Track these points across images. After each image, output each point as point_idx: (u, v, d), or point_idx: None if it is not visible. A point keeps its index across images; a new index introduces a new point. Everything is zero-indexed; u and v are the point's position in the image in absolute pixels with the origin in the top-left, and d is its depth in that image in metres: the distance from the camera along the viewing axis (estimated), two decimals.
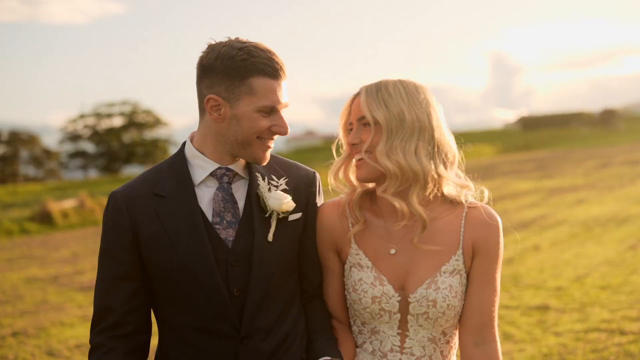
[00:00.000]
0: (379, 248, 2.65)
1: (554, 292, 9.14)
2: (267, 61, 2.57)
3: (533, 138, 63.72)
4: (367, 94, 2.62)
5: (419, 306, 2.58)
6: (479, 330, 2.60)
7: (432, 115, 2.60)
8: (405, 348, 2.62)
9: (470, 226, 2.62)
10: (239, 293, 2.63)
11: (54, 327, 9.07)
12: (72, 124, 73.34)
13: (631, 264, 10.64)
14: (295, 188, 2.76)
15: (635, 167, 28.85)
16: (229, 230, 2.65)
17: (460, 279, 2.60)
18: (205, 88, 2.62)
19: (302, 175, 2.81)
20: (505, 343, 7.17)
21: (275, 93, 2.59)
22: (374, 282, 2.61)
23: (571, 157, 38.71)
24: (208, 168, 2.68)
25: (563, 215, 16.57)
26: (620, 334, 7.21)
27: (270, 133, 2.64)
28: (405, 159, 2.54)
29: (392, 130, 2.55)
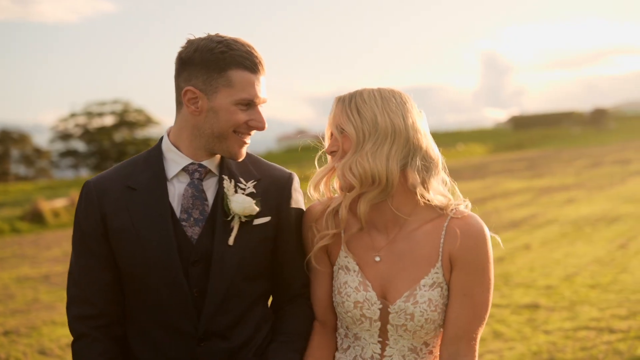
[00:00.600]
0: (363, 254, 2.63)
1: (543, 291, 9.19)
2: (245, 54, 2.57)
3: (524, 137, 63.85)
4: (339, 104, 2.61)
5: (397, 318, 2.56)
6: (454, 343, 2.54)
7: (407, 118, 2.55)
8: (385, 356, 2.60)
9: (450, 238, 2.54)
10: (198, 294, 2.62)
11: (45, 326, 9.08)
12: (63, 122, 73.20)
13: (620, 262, 10.70)
14: (265, 191, 2.71)
15: (626, 167, 28.96)
16: (195, 228, 2.64)
17: (441, 292, 2.55)
18: (183, 81, 2.61)
19: (277, 176, 2.76)
20: (495, 341, 7.22)
21: (254, 86, 2.58)
22: (358, 287, 2.60)
23: (562, 157, 38.81)
24: (181, 163, 2.67)
25: (553, 214, 16.63)
26: (609, 332, 7.27)
27: (247, 127, 2.62)
28: (374, 163, 2.50)
29: (363, 138, 2.53)
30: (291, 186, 2.77)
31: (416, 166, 2.54)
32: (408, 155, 2.54)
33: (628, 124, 76.35)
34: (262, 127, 2.63)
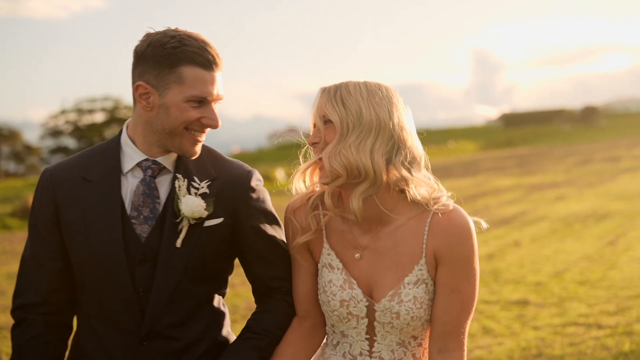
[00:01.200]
0: (347, 251, 2.59)
1: (533, 287, 9.24)
2: (198, 50, 2.51)
3: (515, 135, 63.96)
4: (324, 95, 2.55)
5: (383, 316, 2.53)
6: (443, 338, 2.52)
7: (392, 113, 2.50)
8: (374, 352, 2.58)
9: (433, 234, 2.51)
10: (143, 293, 2.59)
11: None
12: (53, 119, 73.04)
13: (609, 259, 10.76)
14: (221, 191, 2.65)
15: (615, 164, 29.06)
16: (144, 226, 2.60)
17: (426, 288, 2.52)
18: (137, 76, 2.57)
19: (234, 175, 2.69)
20: (484, 337, 7.26)
21: (206, 84, 2.53)
22: (343, 285, 2.56)
23: (552, 154, 38.91)
24: (136, 158, 2.63)
25: (543, 211, 16.69)
26: (598, 327, 7.32)
27: (200, 125, 2.57)
28: (358, 156, 2.45)
29: (347, 129, 2.47)
30: (249, 183, 2.70)
31: (399, 162, 2.49)
32: (392, 151, 2.49)
33: (618, 121, 76.57)
34: (215, 125, 2.57)
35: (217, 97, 2.57)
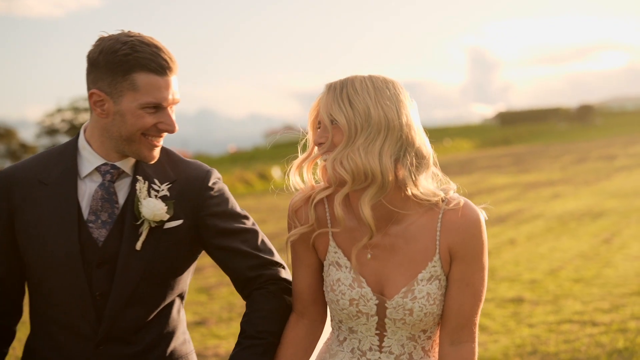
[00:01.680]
0: (358, 252, 2.54)
1: (528, 285, 9.28)
2: (151, 56, 2.48)
3: (511, 133, 64.02)
4: (329, 93, 2.48)
5: (395, 312, 2.50)
6: (456, 331, 2.52)
7: (401, 111, 2.45)
8: (384, 347, 2.55)
9: (447, 230, 2.48)
10: (101, 297, 2.57)
11: None
12: (49, 118, 72.99)
13: (604, 257, 10.81)
14: (181, 192, 2.64)
15: (611, 162, 29.12)
16: (102, 230, 2.57)
17: (439, 284, 2.50)
18: (90, 82, 2.55)
19: (193, 176, 2.68)
20: (480, 334, 7.28)
21: (160, 90, 2.51)
22: (352, 284, 2.52)
23: (548, 152, 38.97)
24: (94, 162, 2.60)
25: (539, 209, 16.74)
26: (592, 325, 7.36)
27: (156, 130, 2.55)
28: (367, 159, 2.39)
29: (355, 131, 2.42)
30: (207, 183, 2.69)
31: (407, 162, 2.45)
32: (400, 151, 2.44)
33: (614, 119, 76.68)
34: (172, 130, 2.56)
35: (173, 102, 2.56)
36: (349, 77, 2.49)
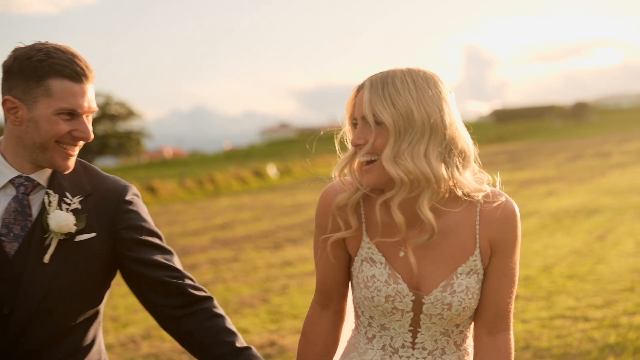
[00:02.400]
0: (391, 247, 2.49)
1: (522, 281, 9.32)
2: (66, 63, 2.46)
3: (506, 130, 64.15)
4: (372, 90, 2.38)
5: (433, 308, 2.46)
6: (495, 321, 2.51)
7: (444, 110, 2.38)
8: (417, 343, 2.52)
9: (486, 224, 2.46)
10: (8, 312, 2.50)
11: None
12: None
13: (598, 254, 10.87)
14: (97, 205, 2.59)
15: (606, 160, 29.21)
16: (13, 244, 2.52)
17: (477, 278, 2.47)
18: (5, 91, 2.51)
19: (110, 190, 2.63)
20: None
21: (75, 96, 2.47)
22: (388, 280, 2.46)
23: (543, 150, 39.07)
24: (8, 175, 2.55)
25: (534, 206, 16.80)
26: (585, 320, 7.42)
27: (71, 138, 2.51)
28: (414, 163, 2.33)
29: (399, 132, 2.34)
30: (124, 197, 2.63)
31: (453, 162, 2.40)
32: (445, 151, 2.39)
33: (609, 117, 76.84)
34: (87, 138, 2.51)
35: (89, 110, 2.52)
36: (388, 72, 2.40)
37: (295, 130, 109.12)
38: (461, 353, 2.55)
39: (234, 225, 18.17)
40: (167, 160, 70.94)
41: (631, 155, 30.79)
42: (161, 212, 23.26)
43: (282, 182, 34.09)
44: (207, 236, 16.36)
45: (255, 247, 14.31)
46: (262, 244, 14.56)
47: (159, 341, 7.83)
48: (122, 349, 7.71)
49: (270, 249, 13.80)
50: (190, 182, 31.07)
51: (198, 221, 19.74)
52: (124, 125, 74.63)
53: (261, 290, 10.06)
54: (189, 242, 15.49)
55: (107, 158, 74.60)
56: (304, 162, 40.13)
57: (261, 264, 12.27)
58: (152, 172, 47.09)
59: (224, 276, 11.19)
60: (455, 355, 2.54)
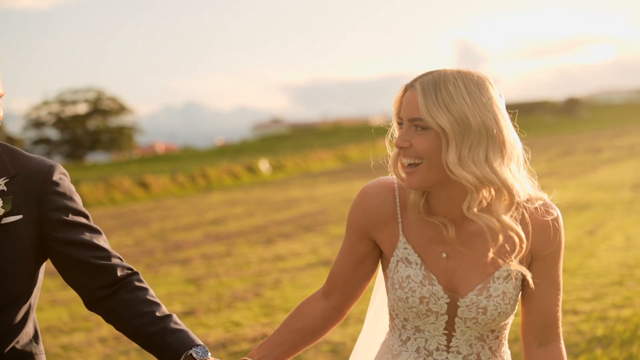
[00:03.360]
0: (429, 248, 2.44)
1: None
2: None
3: None
4: (425, 95, 2.32)
5: (468, 311, 2.41)
6: (544, 331, 2.46)
7: (497, 116, 2.33)
8: (451, 347, 2.46)
9: (527, 229, 2.40)
10: None
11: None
12: (35, 110, 72.81)
13: (588, 248, 10.97)
14: (22, 186, 2.50)
15: (597, 155, 29.35)
16: None
17: (514, 283, 2.41)
18: None
19: (35, 170, 2.53)
20: None
21: None
22: (423, 281, 2.42)
23: (535, 145, 39.14)
24: None
25: None
26: (574, 313, 7.51)
27: None
28: (480, 170, 2.28)
29: (457, 137, 2.28)
30: (51, 178, 2.54)
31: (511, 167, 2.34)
32: (504, 157, 2.33)
33: (601, 113, 77.05)
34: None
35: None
36: (439, 74, 2.35)
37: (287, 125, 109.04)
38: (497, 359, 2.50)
39: (226, 220, 18.23)
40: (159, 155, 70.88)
41: (622, 151, 30.95)
42: (154, 207, 23.29)
43: (274, 177, 34.14)
44: (200, 231, 16.41)
45: (247, 241, 14.37)
46: (255, 239, 14.62)
47: None
48: (116, 342, 7.77)
49: (262, 244, 13.87)
50: (183, 178, 31.09)
51: (190, 216, 19.79)
52: (115, 121, 74.60)
53: (254, 285, 10.12)
54: (182, 237, 15.55)
55: (99, 153, 74.56)
56: (296, 158, 40.24)
57: (254, 258, 12.34)
58: (144, 167, 47.06)
59: (216, 271, 11.25)
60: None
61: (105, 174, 34.91)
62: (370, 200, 2.51)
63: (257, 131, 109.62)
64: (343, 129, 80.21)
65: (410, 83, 2.38)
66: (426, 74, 2.36)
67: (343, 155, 43.41)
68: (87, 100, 73.40)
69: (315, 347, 7.09)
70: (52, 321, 8.76)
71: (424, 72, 2.40)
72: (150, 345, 2.50)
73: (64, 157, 71.92)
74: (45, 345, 7.87)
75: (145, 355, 7.26)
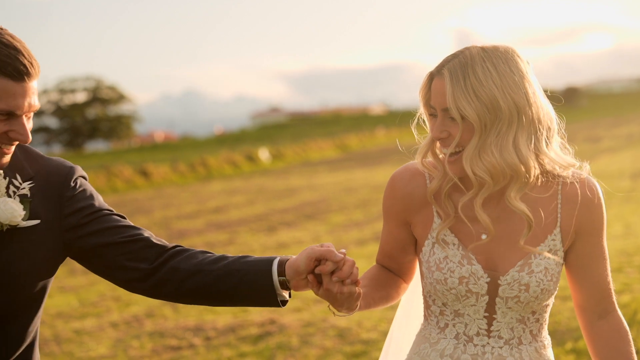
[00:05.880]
0: (467, 228, 2.39)
1: None
2: (7, 59, 2.23)
3: None
4: (453, 83, 2.26)
5: (509, 289, 2.35)
6: (601, 303, 2.43)
7: (528, 92, 2.28)
8: (492, 331, 2.40)
9: (569, 204, 2.37)
10: None
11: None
12: None
13: None
14: (41, 190, 2.42)
15: (596, 144, 29.48)
16: None
17: (556, 260, 2.37)
18: None
19: (54, 173, 2.46)
20: None
21: (15, 97, 2.25)
22: (462, 261, 2.37)
23: None
24: None
25: None
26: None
27: (7, 139, 2.30)
28: (502, 157, 2.24)
29: (485, 126, 2.24)
30: (70, 181, 2.46)
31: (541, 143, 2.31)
32: (532, 135, 2.29)
33: (600, 101, 77.17)
34: (25, 141, 2.32)
35: (29, 109, 2.31)
36: (465, 56, 2.29)
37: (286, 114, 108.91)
38: (538, 345, 2.44)
39: (228, 209, 18.37)
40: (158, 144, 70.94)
41: (621, 140, 31.09)
42: (155, 196, 23.43)
43: (274, 166, 34.26)
44: (202, 219, 16.55)
45: (250, 230, 14.51)
46: (257, 227, 14.76)
47: (162, 319, 8.05)
48: (127, 327, 7.94)
49: (265, 232, 14.00)
50: (183, 166, 31.22)
51: (192, 205, 19.92)
52: (114, 109, 74.66)
53: None
54: (184, 226, 15.69)
55: (98, 142, 74.61)
56: (295, 147, 40.33)
57: (257, 246, 12.47)
58: (143, 156, 47.18)
59: None
60: (533, 347, 2.43)
61: (104, 163, 35.02)
62: (402, 186, 2.47)
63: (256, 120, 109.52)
64: (342, 118, 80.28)
65: (437, 70, 2.32)
66: (451, 58, 2.31)
67: (342, 144, 43.52)
68: (86, 88, 73.43)
69: (322, 331, 7.26)
70: (62, 307, 8.94)
71: (449, 55, 2.34)
72: (233, 275, 2.37)
73: (63, 145, 71.99)
74: (57, 330, 8.05)
75: (156, 340, 7.42)
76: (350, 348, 6.72)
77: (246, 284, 2.36)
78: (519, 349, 2.39)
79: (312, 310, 8.04)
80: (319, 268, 2.28)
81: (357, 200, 18.12)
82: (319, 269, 2.28)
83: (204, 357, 6.84)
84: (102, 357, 7.07)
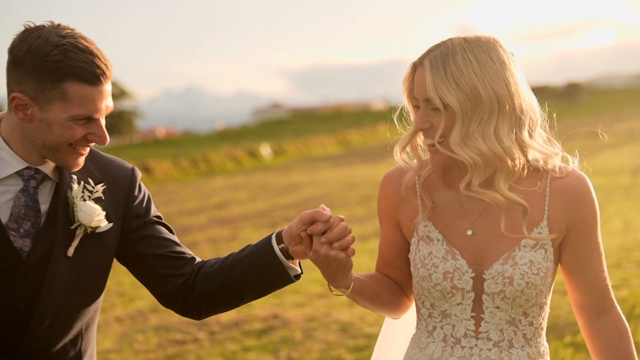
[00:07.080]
0: (452, 224, 2.38)
1: None
2: (84, 65, 2.24)
3: None
4: (434, 72, 2.26)
5: (494, 284, 2.31)
6: (599, 300, 2.39)
7: (509, 82, 2.27)
8: (480, 332, 2.35)
9: (558, 198, 2.34)
10: (25, 309, 2.34)
11: None
12: None
13: None
14: (111, 193, 2.46)
15: (597, 140, 29.51)
16: (25, 240, 2.34)
17: (544, 254, 2.32)
18: (13, 82, 2.29)
19: (119, 175, 2.50)
20: None
21: (93, 102, 2.28)
22: (446, 256, 2.35)
23: None
24: (14, 165, 2.35)
25: None
26: None
27: (85, 141, 2.34)
28: (486, 144, 2.23)
29: (466, 114, 2.24)
30: (136, 183, 2.52)
31: (523, 135, 2.31)
32: (514, 125, 2.29)
33: (601, 97, 77.16)
34: (103, 143, 2.36)
35: (106, 111, 2.35)
36: (446, 46, 2.29)
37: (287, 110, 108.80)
38: (532, 350, 2.37)
39: (230, 205, 18.44)
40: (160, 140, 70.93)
41: (622, 136, 31.15)
42: (157, 192, 23.50)
43: (276, 162, 34.32)
44: (205, 215, 16.64)
45: (252, 225, 14.60)
46: (260, 223, 14.85)
47: (166, 314, 8.12)
48: (132, 322, 8.03)
49: (267, 228, 14.07)
50: (185, 162, 31.28)
51: (194, 201, 20.00)
52: (116, 105, 74.56)
53: None
54: (187, 222, 15.76)
55: None
56: (297, 143, 40.39)
57: None
58: (145, 151, 47.21)
59: (224, 254, 11.36)
60: (525, 352, 2.36)
61: None
62: (390, 183, 2.48)
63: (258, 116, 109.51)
64: (344, 114, 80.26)
65: (419, 60, 2.32)
66: (433, 49, 2.30)
67: (344, 140, 43.56)
68: None
69: (325, 325, 7.35)
70: None
71: (432, 46, 2.33)
72: (241, 261, 2.47)
73: None
74: None
75: (161, 334, 7.51)
76: (353, 342, 6.81)
77: (254, 265, 2.45)
78: (509, 352, 2.34)
79: (316, 305, 8.13)
80: (310, 228, 2.34)
81: (358, 196, 18.20)
82: (310, 229, 2.34)
83: (208, 351, 6.93)
84: (108, 351, 7.15)
